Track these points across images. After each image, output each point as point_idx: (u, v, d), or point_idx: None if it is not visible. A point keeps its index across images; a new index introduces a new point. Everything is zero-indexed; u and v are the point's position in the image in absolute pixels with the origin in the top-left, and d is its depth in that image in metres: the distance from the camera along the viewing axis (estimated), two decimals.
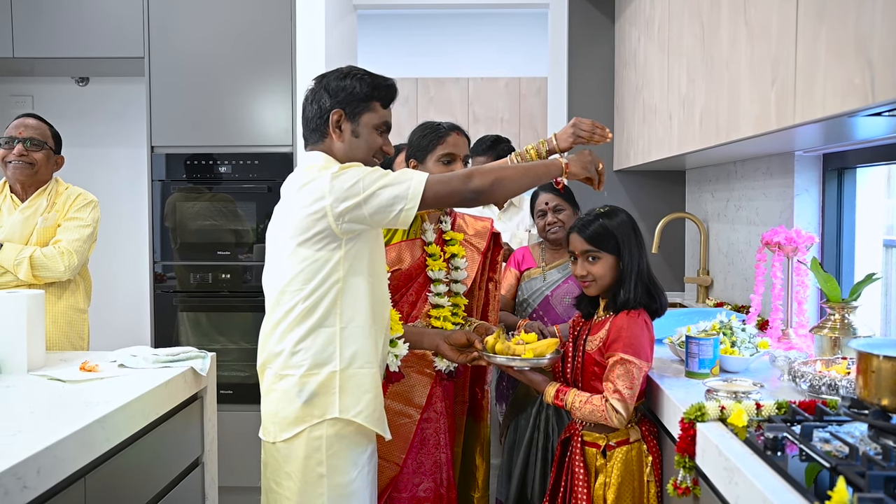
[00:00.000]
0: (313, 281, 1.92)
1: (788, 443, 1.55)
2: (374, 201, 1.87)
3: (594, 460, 2.14)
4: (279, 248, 1.99)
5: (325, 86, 2.02)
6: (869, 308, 2.44)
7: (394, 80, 2.09)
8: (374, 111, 2.04)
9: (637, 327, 2.09)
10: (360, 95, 2.01)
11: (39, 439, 1.59)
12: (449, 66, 7.06)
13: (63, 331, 2.90)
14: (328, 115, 2.00)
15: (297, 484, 1.93)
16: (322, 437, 1.94)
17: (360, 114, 2.02)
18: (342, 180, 1.87)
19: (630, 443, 2.11)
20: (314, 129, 2.03)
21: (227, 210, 3.83)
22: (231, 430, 3.59)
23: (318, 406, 1.93)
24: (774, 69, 1.93)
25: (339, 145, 2.02)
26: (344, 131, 2.02)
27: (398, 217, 1.90)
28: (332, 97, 2.00)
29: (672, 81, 2.97)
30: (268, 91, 3.78)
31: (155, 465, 2.12)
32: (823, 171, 2.69)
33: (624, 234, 2.16)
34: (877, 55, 1.42)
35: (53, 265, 2.81)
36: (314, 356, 1.94)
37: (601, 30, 4.23)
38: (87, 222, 2.94)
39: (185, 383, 2.29)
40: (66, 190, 2.97)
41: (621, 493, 2.08)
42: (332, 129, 2.01)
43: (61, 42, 3.82)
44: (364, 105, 2.02)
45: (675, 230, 4.13)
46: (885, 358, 1.54)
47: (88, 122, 4.34)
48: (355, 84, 2.00)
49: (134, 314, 4.32)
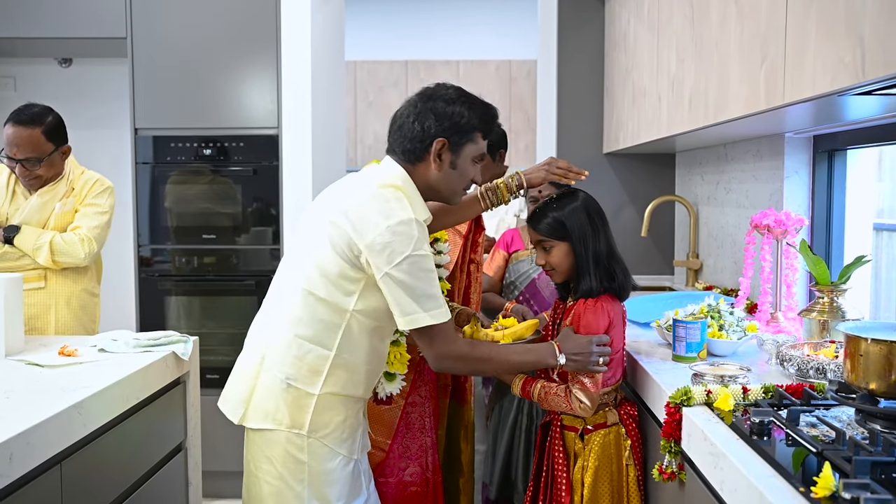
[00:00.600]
0: (329, 298, 1.87)
1: (775, 427, 1.53)
2: (395, 289, 1.82)
3: (573, 444, 2.13)
4: (315, 243, 1.91)
5: (432, 108, 1.90)
6: (858, 291, 2.42)
7: (496, 108, 2.01)
8: (475, 143, 1.95)
9: (593, 314, 2.04)
10: (467, 126, 1.91)
11: (12, 425, 1.56)
12: (439, 48, 7.01)
13: (76, 315, 2.89)
14: (431, 141, 1.90)
15: (277, 468, 1.91)
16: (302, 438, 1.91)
17: (463, 145, 1.93)
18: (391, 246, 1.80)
19: (607, 426, 2.10)
20: (411, 149, 1.92)
21: (213, 193, 3.79)
22: (217, 415, 3.52)
23: (289, 416, 1.89)
24: (764, 48, 1.90)
25: (434, 174, 1.92)
26: (444, 161, 1.91)
27: (397, 320, 1.84)
28: (438, 122, 1.89)
29: (661, 63, 2.94)
30: (253, 73, 3.72)
31: (135, 450, 2.09)
32: (814, 153, 2.66)
33: (574, 221, 2.09)
34: (868, 32, 1.39)
35: (74, 251, 2.79)
36: (300, 371, 1.89)
37: (591, 12, 4.18)
38: (104, 209, 2.91)
39: (166, 368, 2.26)
40: (83, 174, 2.94)
41: (599, 476, 2.07)
42: (432, 157, 1.91)
43: (43, 22, 3.75)
44: (468, 136, 1.93)
45: (664, 213, 4.11)
46: (874, 341, 1.52)
47: (71, 103, 4.25)
48: (464, 112, 1.91)
49: (118, 298, 4.27)
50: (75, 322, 2.89)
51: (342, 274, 1.85)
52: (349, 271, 1.85)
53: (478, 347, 1.97)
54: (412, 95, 1.98)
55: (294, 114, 3.70)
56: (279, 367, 1.90)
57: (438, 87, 1.96)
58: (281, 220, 3.73)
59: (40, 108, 2.82)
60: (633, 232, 4.09)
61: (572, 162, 4.07)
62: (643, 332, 2.60)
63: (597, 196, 2.18)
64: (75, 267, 2.87)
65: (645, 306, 2.82)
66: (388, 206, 1.84)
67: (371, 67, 6.87)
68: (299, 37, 3.67)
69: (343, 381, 1.92)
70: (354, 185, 1.95)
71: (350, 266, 1.85)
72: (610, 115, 4.03)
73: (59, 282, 2.84)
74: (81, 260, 2.82)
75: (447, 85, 1.98)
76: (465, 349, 1.92)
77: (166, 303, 3.82)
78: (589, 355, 1.98)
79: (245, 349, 2.03)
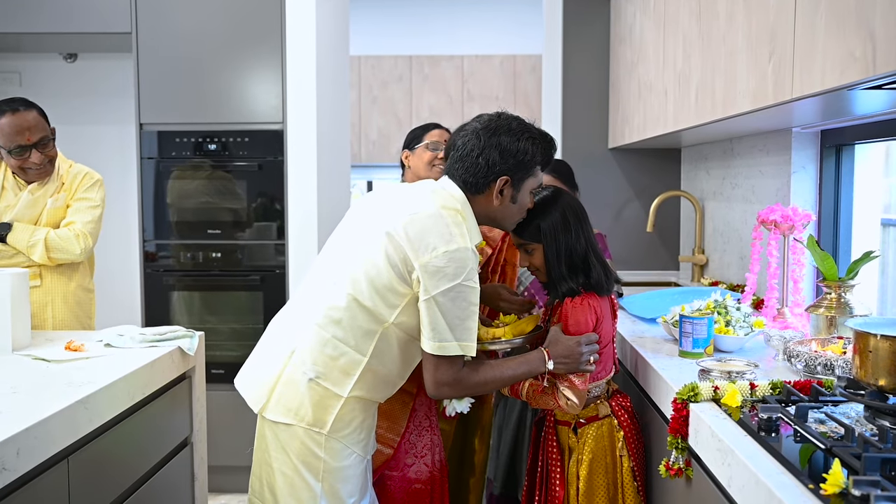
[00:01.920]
0: (373, 307, 1.88)
1: (783, 423, 1.53)
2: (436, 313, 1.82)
3: (567, 439, 2.13)
4: (367, 250, 1.90)
5: (497, 144, 1.90)
6: (866, 287, 2.41)
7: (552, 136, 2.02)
8: (535, 176, 1.97)
9: (580, 313, 2.02)
10: (531, 163, 1.93)
11: (19, 420, 1.56)
12: (443, 43, 7.00)
13: (73, 311, 2.88)
14: (496, 178, 1.90)
15: (292, 460, 1.91)
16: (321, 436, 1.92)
17: (525, 180, 1.95)
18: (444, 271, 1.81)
19: (599, 419, 2.10)
20: (473, 182, 1.93)
21: (218, 188, 3.78)
22: (223, 410, 3.56)
23: (312, 414, 1.90)
24: (772, 42, 1.89)
25: (495, 207, 1.94)
26: (505, 196, 1.93)
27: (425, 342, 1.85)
28: (503, 160, 1.90)
29: (668, 57, 2.93)
30: (258, 68, 3.72)
31: (142, 445, 2.10)
32: (821, 147, 2.65)
33: (548, 223, 2.06)
34: (879, 26, 1.38)
35: (69, 247, 2.78)
36: (331, 371, 1.90)
37: (596, 6, 4.17)
38: (96, 202, 2.90)
39: (172, 363, 2.26)
40: (71, 168, 2.92)
41: (593, 469, 2.08)
42: (495, 193, 1.92)
43: (48, 17, 3.75)
44: (530, 172, 1.95)
45: (670, 208, 4.10)
46: (883, 337, 1.51)
47: (76, 98, 4.28)
48: (527, 148, 1.91)
49: (124, 294, 4.28)
50: (72, 318, 2.88)
51: (390, 287, 1.86)
52: (397, 285, 1.86)
53: (474, 375, 1.94)
54: (474, 124, 1.97)
55: (299, 109, 3.69)
56: (309, 364, 1.90)
57: (501, 119, 1.95)
58: (286, 215, 3.73)
59: (19, 96, 2.81)
60: (639, 227, 4.08)
61: (578, 157, 4.08)
62: (649, 327, 2.60)
63: (602, 191, 2.18)
64: (71, 263, 2.86)
65: (651, 302, 2.81)
66: (448, 230, 1.84)
67: (375, 62, 6.86)
68: (304, 32, 3.67)
69: (370, 385, 1.94)
70: (414, 199, 1.93)
71: (399, 280, 1.86)
72: (615, 110, 4.01)
73: (54, 279, 2.83)
74: (77, 255, 2.80)
75: (508, 116, 1.97)
76: (465, 376, 1.91)
77: (171, 298, 3.82)
78: (578, 356, 1.97)
79: (272, 337, 2.03)
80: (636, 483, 2.09)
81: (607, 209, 4.12)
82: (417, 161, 2.87)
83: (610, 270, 2.12)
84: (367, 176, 7.43)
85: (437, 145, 2.78)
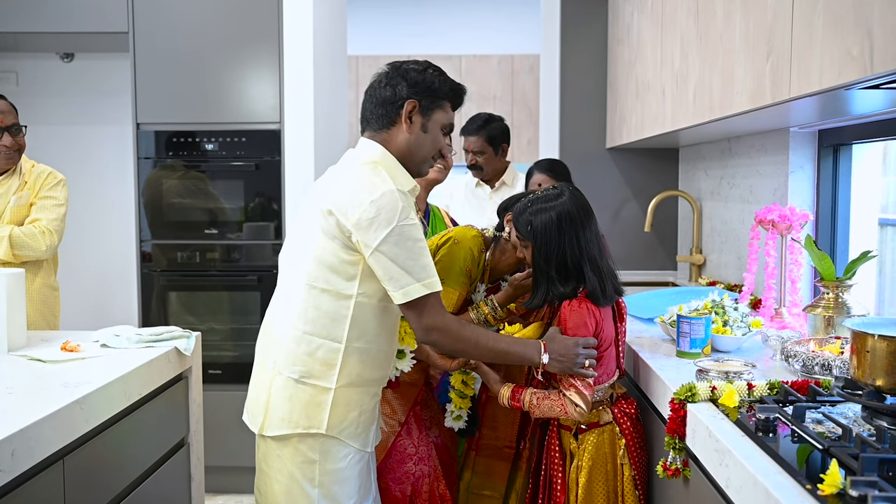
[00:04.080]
0: (332, 288, 1.87)
1: (780, 424, 1.52)
2: (387, 263, 1.81)
3: (569, 443, 2.11)
4: (310, 236, 1.91)
5: (403, 73, 1.95)
6: (863, 287, 2.41)
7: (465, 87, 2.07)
8: (444, 110, 1.99)
9: (577, 316, 1.99)
10: (438, 92, 1.96)
11: (14, 421, 1.55)
12: (441, 43, 6.99)
13: (38, 309, 2.88)
14: (403, 102, 1.93)
15: (287, 466, 1.90)
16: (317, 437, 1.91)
17: (434, 110, 1.97)
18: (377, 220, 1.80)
19: (601, 426, 2.07)
20: (382, 114, 1.95)
21: (215, 188, 3.78)
22: (219, 410, 3.56)
23: (306, 417, 1.88)
24: (770, 42, 1.88)
25: (405, 136, 1.94)
26: (414, 123, 1.94)
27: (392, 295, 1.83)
28: (410, 86, 1.94)
29: (665, 56, 2.93)
30: (255, 67, 3.71)
31: (138, 446, 2.09)
32: (819, 147, 2.65)
33: (539, 222, 2.03)
34: (877, 25, 1.38)
35: (35, 244, 2.78)
36: (313, 367, 1.88)
37: (594, 6, 4.17)
38: (61, 201, 2.91)
39: (168, 363, 2.25)
40: (34, 168, 2.93)
41: (593, 476, 2.04)
42: (403, 117, 1.93)
43: (45, 17, 3.74)
44: (438, 102, 1.97)
45: (668, 208, 4.09)
46: (880, 337, 1.51)
47: (73, 98, 4.27)
48: (435, 80, 1.96)
49: (121, 293, 4.27)
50: (37, 316, 2.88)
51: (339, 258, 1.85)
52: (344, 255, 1.85)
53: (467, 327, 1.94)
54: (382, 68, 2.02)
55: (296, 109, 3.69)
56: (291, 367, 1.89)
57: (408, 60, 2.01)
58: (283, 214, 3.73)
59: None
60: (637, 227, 4.08)
61: (575, 156, 4.08)
62: (646, 327, 2.59)
63: (600, 191, 2.17)
64: (34, 262, 2.86)
65: (648, 302, 2.81)
66: (369, 181, 1.85)
67: (373, 62, 6.84)
68: (301, 31, 3.66)
69: (358, 369, 1.92)
70: (337, 171, 1.97)
71: (344, 249, 1.85)
72: (613, 110, 4.01)
73: None
74: (43, 253, 2.81)
75: (417, 59, 2.03)
76: (454, 324, 1.89)
77: (168, 298, 3.82)
78: (574, 357, 1.94)
79: (257, 357, 2.02)
80: (637, 492, 2.06)
81: (605, 209, 4.11)
82: None
83: (610, 280, 2.06)
84: None
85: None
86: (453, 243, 2.28)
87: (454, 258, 2.25)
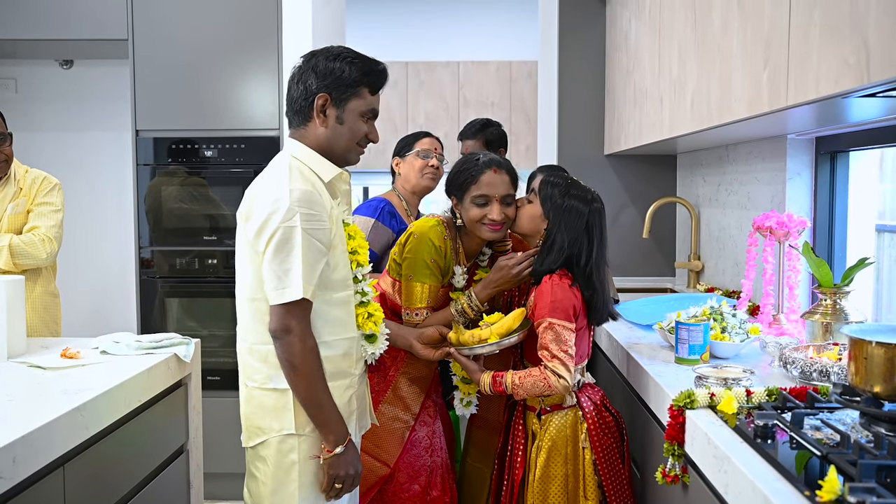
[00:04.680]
0: (263, 296, 1.88)
1: (779, 430, 1.53)
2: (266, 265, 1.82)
3: (531, 423, 2.17)
4: (238, 250, 1.96)
5: (313, 66, 1.90)
6: (861, 293, 2.42)
7: (385, 64, 1.98)
8: (361, 97, 1.92)
9: (559, 290, 2.06)
10: (349, 80, 1.89)
11: (15, 428, 1.56)
12: (439, 49, 7.01)
13: (40, 316, 2.87)
14: (313, 98, 1.90)
15: (271, 469, 1.93)
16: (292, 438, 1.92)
17: (347, 100, 1.91)
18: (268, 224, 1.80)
19: (563, 409, 2.11)
20: (297, 110, 1.94)
21: (214, 195, 3.78)
22: (218, 417, 3.55)
23: (276, 421, 1.91)
24: (767, 50, 1.90)
25: (321, 131, 1.92)
26: (328, 117, 1.91)
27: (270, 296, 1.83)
28: (319, 79, 1.89)
29: (663, 64, 2.94)
30: (254, 74, 3.72)
31: (138, 452, 2.09)
32: (816, 154, 2.66)
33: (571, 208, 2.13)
34: (872, 34, 1.39)
35: (35, 252, 2.77)
36: (269, 373, 1.91)
37: (592, 13, 4.18)
38: (58, 206, 2.90)
39: (168, 370, 2.26)
40: (28, 173, 2.92)
41: (551, 457, 2.09)
42: (316, 113, 1.91)
43: (44, 23, 3.75)
44: (352, 91, 1.90)
45: (666, 215, 4.10)
46: (878, 344, 1.51)
47: (72, 105, 4.28)
48: (344, 67, 1.89)
49: (120, 300, 4.27)
50: (39, 323, 2.88)
51: (260, 265, 1.86)
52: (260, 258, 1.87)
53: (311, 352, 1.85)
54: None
55: None
56: (252, 378, 1.94)
57: (323, 48, 1.97)
58: None
59: None
60: (635, 233, 4.09)
61: (574, 163, 4.09)
62: (645, 334, 2.60)
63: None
64: (35, 269, 2.85)
65: (647, 308, 2.81)
66: (270, 185, 1.85)
67: None
68: (300, 38, 3.67)
69: None
70: (258, 184, 1.95)
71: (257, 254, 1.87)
72: (611, 117, 4.02)
73: None
74: (43, 260, 2.80)
75: (333, 46, 1.98)
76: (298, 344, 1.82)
77: (167, 305, 3.82)
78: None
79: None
80: (598, 477, 2.09)
81: None
82: (408, 168, 2.90)
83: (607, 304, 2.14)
84: (363, 182, 7.43)
85: (428, 153, 2.88)
86: (413, 237, 2.28)
87: (417, 252, 2.26)
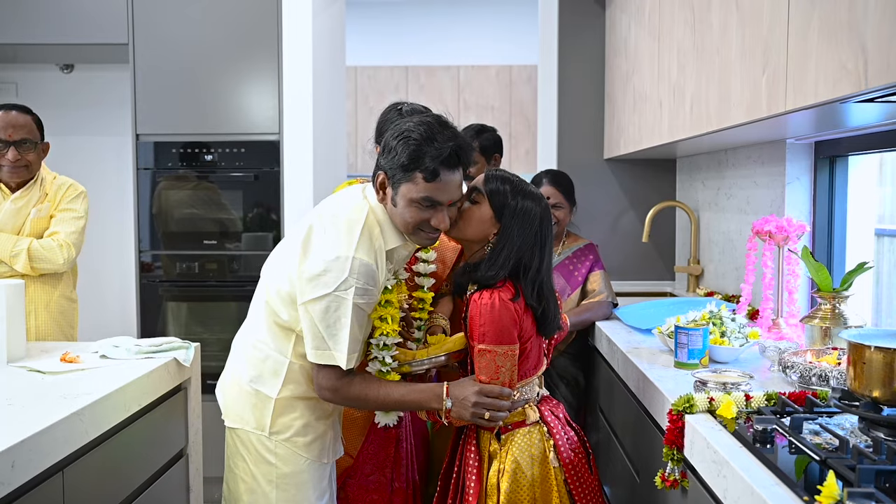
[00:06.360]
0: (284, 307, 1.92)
1: (778, 435, 1.53)
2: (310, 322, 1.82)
3: (487, 445, 1.95)
4: (284, 259, 1.94)
5: (387, 139, 1.84)
6: (860, 298, 2.42)
7: (453, 145, 1.80)
8: (413, 183, 1.79)
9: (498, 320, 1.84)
10: (401, 164, 1.79)
11: (14, 433, 1.56)
12: (439, 54, 7.02)
13: (56, 320, 2.87)
14: (378, 171, 1.86)
15: (250, 467, 1.98)
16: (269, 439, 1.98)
17: (399, 183, 1.81)
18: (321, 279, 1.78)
19: (527, 425, 1.94)
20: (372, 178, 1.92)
21: (214, 199, 3.79)
22: (218, 421, 3.53)
23: (254, 418, 1.97)
24: (766, 55, 1.90)
25: (386, 206, 1.88)
26: (387, 195, 1.85)
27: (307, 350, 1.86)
28: (383, 155, 1.84)
29: (662, 68, 2.94)
30: (254, 78, 3.73)
31: (137, 457, 2.09)
32: (815, 159, 2.66)
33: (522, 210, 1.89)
34: (870, 39, 1.39)
35: (53, 257, 2.78)
36: (262, 373, 1.97)
37: (591, 17, 4.18)
38: (80, 213, 2.90)
39: (168, 374, 2.26)
40: (55, 180, 2.92)
41: (517, 479, 1.89)
42: (377, 188, 1.87)
43: (45, 28, 3.76)
44: (403, 175, 1.80)
45: (665, 219, 4.10)
46: (877, 349, 1.51)
47: (73, 109, 4.28)
48: (396, 148, 1.80)
49: (120, 304, 4.27)
50: (54, 327, 2.88)
51: (292, 295, 1.89)
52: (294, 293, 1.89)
53: (356, 386, 1.87)
54: None
55: (295, 119, 3.70)
56: (244, 367, 1.99)
57: (399, 112, 1.99)
58: (282, 225, 3.74)
59: (24, 104, 2.85)
60: (634, 237, 4.09)
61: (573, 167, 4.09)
62: (644, 338, 2.60)
63: (598, 202, 2.17)
64: (54, 273, 2.86)
65: (646, 312, 2.81)
66: (337, 238, 1.84)
67: (372, 73, 6.87)
68: (300, 42, 3.68)
69: (303, 385, 1.97)
70: (326, 205, 1.94)
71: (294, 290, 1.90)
72: (611, 121, 4.02)
73: (37, 288, 2.83)
74: (60, 266, 2.80)
75: (412, 117, 1.92)
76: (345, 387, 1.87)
77: (167, 308, 3.82)
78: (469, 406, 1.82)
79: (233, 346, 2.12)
80: (570, 497, 1.94)
81: (603, 219, 4.13)
82: None
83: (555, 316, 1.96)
84: None
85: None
86: None
87: None
